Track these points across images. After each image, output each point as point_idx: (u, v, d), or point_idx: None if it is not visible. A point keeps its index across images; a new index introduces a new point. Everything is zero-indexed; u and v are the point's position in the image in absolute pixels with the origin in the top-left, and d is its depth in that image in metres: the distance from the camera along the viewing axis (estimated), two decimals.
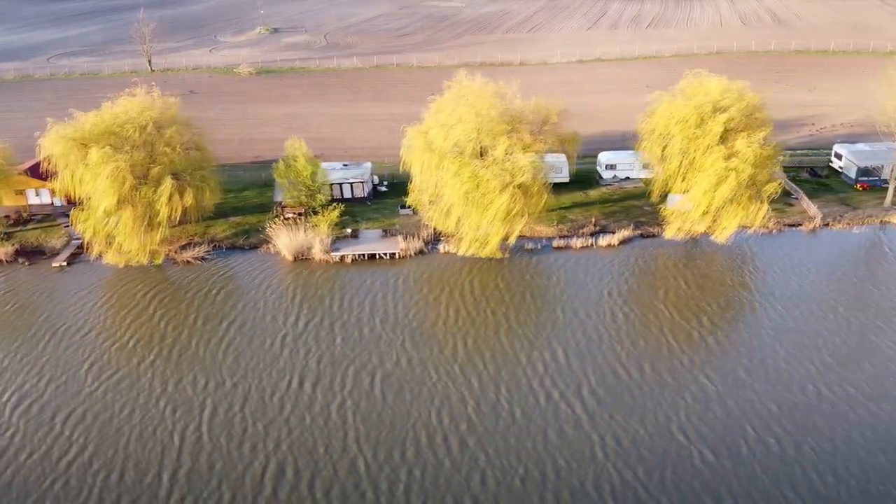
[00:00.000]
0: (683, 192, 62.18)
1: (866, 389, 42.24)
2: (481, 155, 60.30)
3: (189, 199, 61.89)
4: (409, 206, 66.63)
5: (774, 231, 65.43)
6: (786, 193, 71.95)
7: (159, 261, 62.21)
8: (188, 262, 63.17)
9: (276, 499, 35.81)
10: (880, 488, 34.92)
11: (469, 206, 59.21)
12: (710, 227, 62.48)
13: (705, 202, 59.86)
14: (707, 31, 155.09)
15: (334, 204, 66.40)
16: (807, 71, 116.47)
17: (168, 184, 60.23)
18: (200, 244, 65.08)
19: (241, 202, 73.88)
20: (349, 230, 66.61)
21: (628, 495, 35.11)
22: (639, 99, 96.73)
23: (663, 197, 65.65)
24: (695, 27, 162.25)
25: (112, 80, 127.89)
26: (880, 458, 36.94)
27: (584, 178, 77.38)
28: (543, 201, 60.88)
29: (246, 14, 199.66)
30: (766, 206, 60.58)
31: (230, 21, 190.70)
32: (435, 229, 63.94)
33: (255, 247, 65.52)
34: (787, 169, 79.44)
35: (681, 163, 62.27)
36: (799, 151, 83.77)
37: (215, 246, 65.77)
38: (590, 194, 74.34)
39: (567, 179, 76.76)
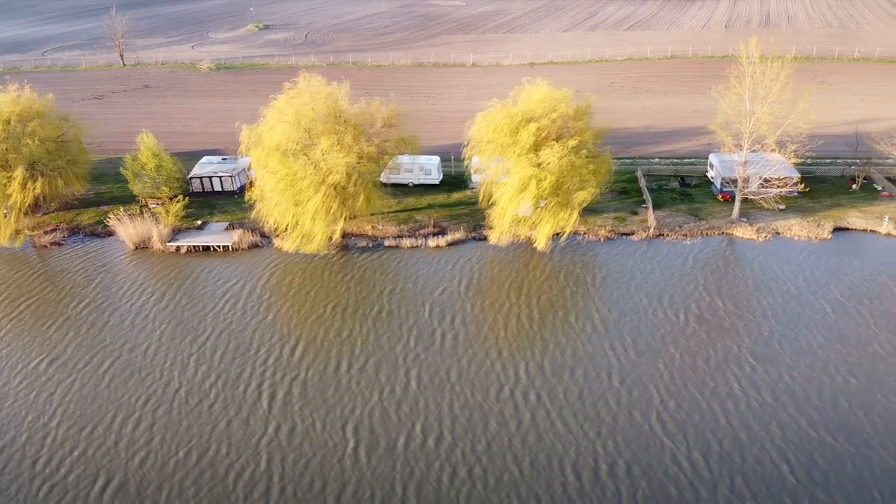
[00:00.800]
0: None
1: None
2: (304, 154, 62.80)
3: (41, 187, 66.97)
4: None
5: (603, 239, 65.72)
6: (642, 202, 72.23)
7: (19, 243, 67.05)
8: (45, 246, 67.94)
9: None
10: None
11: (288, 203, 61.94)
12: (529, 233, 63.82)
13: (511, 209, 61.06)
14: (685, 35, 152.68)
15: (179, 196, 69.93)
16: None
17: (20, 173, 65.27)
18: (58, 230, 69.80)
19: (123, 192, 78.30)
20: (199, 222, 70.23)
21: None
22: None
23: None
24: (676, 30, 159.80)
25: (89, 74, 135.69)
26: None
27: (458, 181, 78.84)
28: (360, 200, 63.05)
29: (246, 11, 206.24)
30: (575, 214, 61.36)
31: (230, 18, 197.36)
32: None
33: (110, 234, 69.75)
34: (660, 178, 79.34)
35: (497, 170, 63.34)
36: (687, 160, 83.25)
37: (76, 232, 70.42)
38: (452, 196, 75.81)
39: (437, 181, 78.53)
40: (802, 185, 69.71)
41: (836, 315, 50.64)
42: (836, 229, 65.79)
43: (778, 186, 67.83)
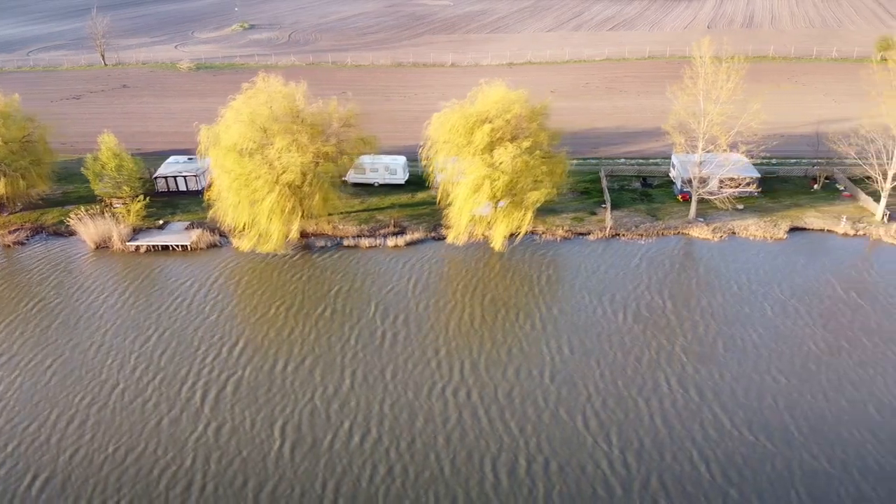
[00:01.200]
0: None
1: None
2: (260, 153, 63.13)
3: (3, 187, 67.57)
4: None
5: (560, 239, 66.04)
6: (602, 202, 72.57)
7: None
8: (8, 245, 68.36)
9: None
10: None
11: (243, 203, 62.29)
12: (486, 232, 64.14)
13: (468, 208, 61.42)
14: (666, 35, 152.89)
15: (140, 196, 70.33)
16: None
17: None
18: (21, 230, 70.22)
19: (90, 192, 78.53)
20: (160, 222, 70.65)
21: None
22: None
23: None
24: (658, 31, 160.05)
25: (70, 74, 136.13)
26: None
27: (424, 181, 78.93)
28: (316, 200, 63.41)
29: (233, 11, 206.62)
30: (530, 214, 61.72)
31: (217, 17, 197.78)
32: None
33: (72, 234, 70.13)
34: (623, 178, 79.65)
35: (453, 170, 63.66)
36: (651, 160, 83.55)
37: (39, 232, 70.82)
38: (416, 196, 76.07)
39: (403, 181, 78.85)
40: (754, 186, 70.02)
41: (775, 314, 51.00)
42: (793, 229, 66.06)
43: (733, 187, 68.18)
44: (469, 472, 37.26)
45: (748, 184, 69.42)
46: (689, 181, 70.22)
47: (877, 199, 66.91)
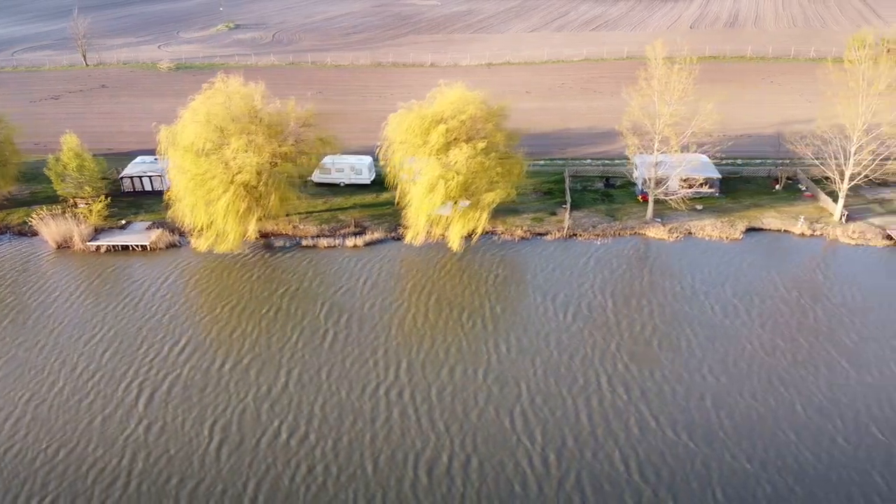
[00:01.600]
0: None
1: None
2: (216, 153, 63.54)
3: None
4: None
5: (518, 239, 66.35)
6: (564, 202, 72.89)
7: None
8: None
9: None
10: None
11: (200, 203, 62.71)
12: (444, 233, 64.44)
13: (424, 209, 61.75)
14: (648, 36, 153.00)
15: (102, 196, 70.76)
16: (706, 78, 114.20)
17: None
18: None
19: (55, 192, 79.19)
20: (122, 221, 71.09)
21: None
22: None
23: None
24: (640, 31, 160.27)
25: (52, 74, 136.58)
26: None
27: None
28: (272, 200, 63.83)
29: (220, 10, 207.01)
30: (485, 214, 62.12)
31: (204, 17, 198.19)
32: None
33: (36, 234, 70.58)
34: (587, 178, 79.99)
35: (410, 170, 64.06)
36: (617, 161, 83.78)
37: (3, 232, 71.29)
38: (380, 196, 76.27)
39: (369, 181, 79.19)
40: (707, 186, 70.39)
41: (716, 313, 51.36)
42: (750, 230, 66.40)
43: (687, 187, 68.55)
44: (391, 470, 37.66)
45: (704, 184, 69.76)
46: (646, 181, 70.72)
47: (836, 199, 67.23)
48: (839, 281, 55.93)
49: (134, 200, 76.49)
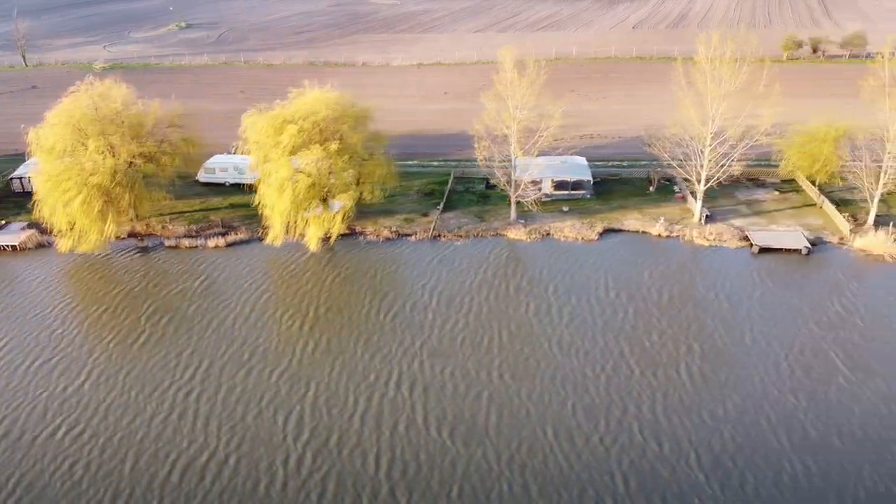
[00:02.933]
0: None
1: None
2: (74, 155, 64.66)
3: None
4: None
5: (383, 240, 66.95)
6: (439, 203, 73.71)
7: None
8: None
9: None
10: None
11: (58, 204, 63.77)
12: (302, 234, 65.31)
13: (278, 210, 62.57)
14: (590, 36, 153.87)
15: None
16: (608, 79, 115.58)
17: None
18: None
19: None
20: (1, 221, 72.30)
21: None
22: (412, 106, 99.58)
23: None
24: (584, 31, 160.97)
25: None
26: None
27: None
28: (126, 201, 64.84)
29: (170, 10, 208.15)
30: (340, 216, 63.12)
31: (162, 17, 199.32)
32: None
33: None
34: (472, 180, 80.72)
35: (265, 171, 65.07)
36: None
37: None
38: None
39: (252, 181, 79.99)
40: (553, 188, 71.58)
41: (532, 313, 52.20)
42: (608, 231, 67.17)
43: (551, 189, 69.61)
44: (147, 468, 38.75)
45: (564, 185, 70.98)
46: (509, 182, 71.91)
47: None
48: (660, 280, 56.64)
49: (21, 201, 77.50)
